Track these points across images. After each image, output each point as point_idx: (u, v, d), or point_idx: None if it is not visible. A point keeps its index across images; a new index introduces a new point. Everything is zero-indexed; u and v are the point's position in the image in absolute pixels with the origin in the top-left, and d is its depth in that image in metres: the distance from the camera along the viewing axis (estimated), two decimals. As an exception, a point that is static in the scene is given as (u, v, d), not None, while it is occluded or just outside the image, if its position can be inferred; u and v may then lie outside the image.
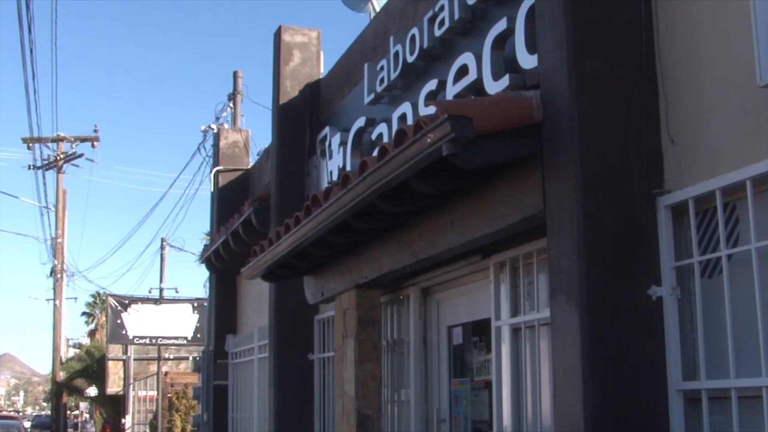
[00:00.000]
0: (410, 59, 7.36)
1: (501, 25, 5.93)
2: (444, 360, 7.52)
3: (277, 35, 11.01)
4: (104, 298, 36.68)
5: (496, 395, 6.28)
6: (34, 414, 78.64)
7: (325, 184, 8.24)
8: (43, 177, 48.61)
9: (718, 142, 4.33)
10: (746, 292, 4.17)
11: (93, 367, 38.54)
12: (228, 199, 14.39)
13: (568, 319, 4.63)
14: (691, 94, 4.53)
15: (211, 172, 15.33)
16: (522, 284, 6.04)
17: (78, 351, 44.99)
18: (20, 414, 61.57)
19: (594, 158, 4.63)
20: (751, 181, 4.09)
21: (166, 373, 29.87)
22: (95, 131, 38.52)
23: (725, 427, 4.30)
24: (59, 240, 38.01)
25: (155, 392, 30.17)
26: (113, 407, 39.07)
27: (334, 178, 8.66)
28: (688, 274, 4.56)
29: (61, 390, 38.96)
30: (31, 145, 36.71)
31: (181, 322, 26.95)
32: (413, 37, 7.28)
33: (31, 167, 37.00)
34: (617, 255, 4.60)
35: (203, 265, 15.04)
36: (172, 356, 32.62)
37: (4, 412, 51.73)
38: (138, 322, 27.09)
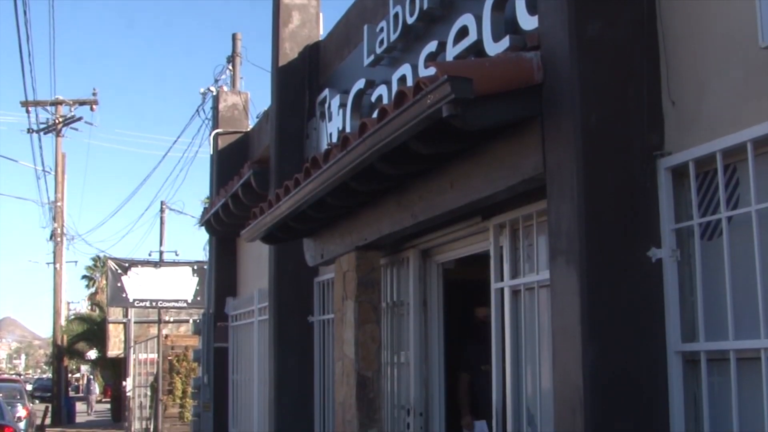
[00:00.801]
0: (410, 20, 7.32)
1: (501, -14, 5.90)
2: (444, 322, 7.55)
3: (276, -4, 10.95)
4: (104, 261, 36.71)
5: (495, 357, 6.30)
6: (35, 377, 78.99)
7: (324, 147, 8.22)
8: (39, 140, 48.52)
9: (719, 104, 4.31)
10: (746, 255, 4.17)
11: (94, 331, 38.69)
12: (227, 162, 14.37)
13: (567, 281, 4.63)
14: (692, 56, 4.50)
15: (210, 134, 15.30)
16: (522, 246, 6.05)
17: (89, 311, 45.14)
18: (22, 377, 61.80)
19: (594, 120, 4.62)
20: (751, 143, 4.08)
21: (167, 336, 29.94)
22: (94, 94, 38.46)
23: (723, 389, 4.31)
24: (59, 204, 38.04)
25: (156, 355, 30.26)
26: (114, 370, 39.25)
27: (334, 140, 8.64)
28: (687, 236, 4.56)
29: (62, 353, 39.15)
30: (29, 108, 36.63)
31: (181, 285, 26.99)
32: (413, -3, 7.24)
33: (30, 131, 36.95)
34: (617, 217, 4.59)
35: (203, 228, 15.05)
36: (172, 319, 32.69)
37: (6, 375, 51.88)
38: (138, 285, 27.12)
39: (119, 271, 27.27)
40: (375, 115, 5.66)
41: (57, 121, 37.55)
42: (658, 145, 4.64)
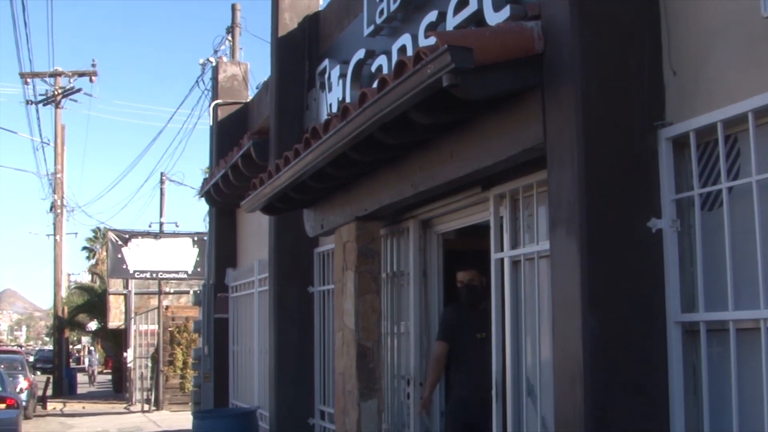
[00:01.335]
0: (410, -10, 7.28)
1: (502, -45, 5.85)
2: (444, 292, 7.56)
3: (276, -34, 10.89)
4: (104, 233, 36.75)
5: (495, 327, 6.32)
6: (36, 349, 79.22)
7: (324, 117, 8.20)
8: (37, 112, 48.48)
9: (721, 74, 4.29)
10: (746, 225, 4.17)
11: (94, 302, 38.78)
12: (227, 133, 14.35)
13: (567, 251, 4.64)
14: (693, 26, 4.48)
15: (210, 105, 15.26)
16: (522, 216, 6.04)
17: (90, 282, 45.21)
18: (23, 349, 62.00)
19: (595, 90, 4.60)
20: (752, 113, 4.07)
21: (167, 307, 30.02)
22: (93, 66, 38.33)
23: (723, 359, 4.32)
24: (58, 175, 38.02)
25: (156, 326, 30.36)
26: (115, 341, 39.38)
27: (334, 110, 8.61)
28: (688, 206, 4.56)
29: (62, 325, 39.25)
30: (28, 79, 36.54)
31: (181, 257, 27.02)
32: (413, -33, 7.20)
33: (29, 102, 36.89)
34: (617, 187, 4.59)
35: (203, 199, 15.05)
36: (172, 290, 32.75)
37: (7, 347, 52.01)
38: (138, 256, 27.15)
39: (119, 242, 27.29)
40: (375, 85, 5.64)
41: (56, 93, 37.46)
42: (658, 115, 4.63)
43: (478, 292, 7.27)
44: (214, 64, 15.59)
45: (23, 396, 23.14)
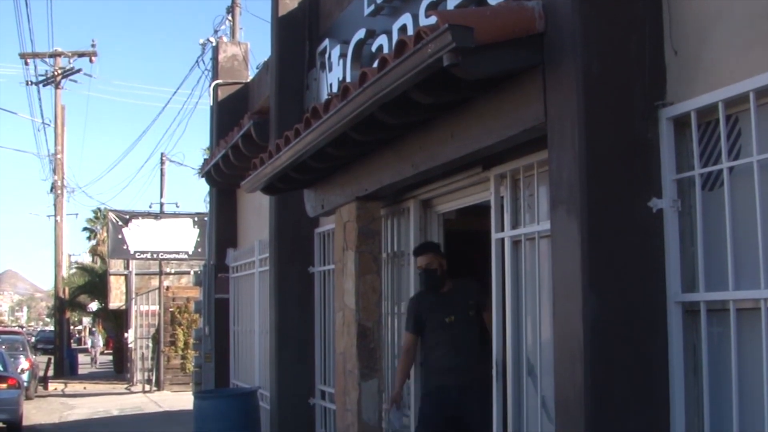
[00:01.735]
0: (411, -31, 7.26)
1: (504, -66, 5.83)
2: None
3: (276, -55, 10.85)
4: (105, 213, 36.77)
5: (496, 306, 6.32)
6: (38, 329, 79.35)
7: (324, 97, 8.18)
8: (38, 93, 48.43)
9: (722, 54, 4.28)
10: (747, 205, 4.16)
11: (95, 283, 38.84)
12: (228, 113, 14.33)
13: (568, 231, 4.63)
14: (694, 5, 4.46)
15: (210, 85, 15.24)
16: (522, 196, 6.04)
17: (91, 263, 45.25)
18: (24, 329, 62.10)
19: (596, 69, 4.59)
20: (754, 92, 4.05)
21: (168, 288, 30.07)
22: (93, 46, 38.33)
23: (723, 339, 4.33)
24: (59, 156, 38.01)
25: (157, 306, 30.42)
26: (116, 322, 39.48)
27: (334, 90, 8.60)
28: (688, 186, 4.55)
29: (63, 305, 39.33)
30: (28, 60, 36.50)
31: (181, 237, 27.03)
32: (414, -54, 7.16)
33: (29, 83, 36.86)
34: (618, 167, 4.58)
35: (203, 180, 15.05)
36: (173, 271, 32.80)
37: (8, 328, 52.08)
38: (139, 237, 27.16)
39: (120, 223, 27.29)
40: (375, 65, 5.62)
41: (56, 73, 37.42)
42: (659, 94, 4.62)
43: (437, 276, 7.20)
44: (214, 44, 15.56)
45: (24, 376, 23.20)
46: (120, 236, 27.26)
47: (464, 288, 7.31)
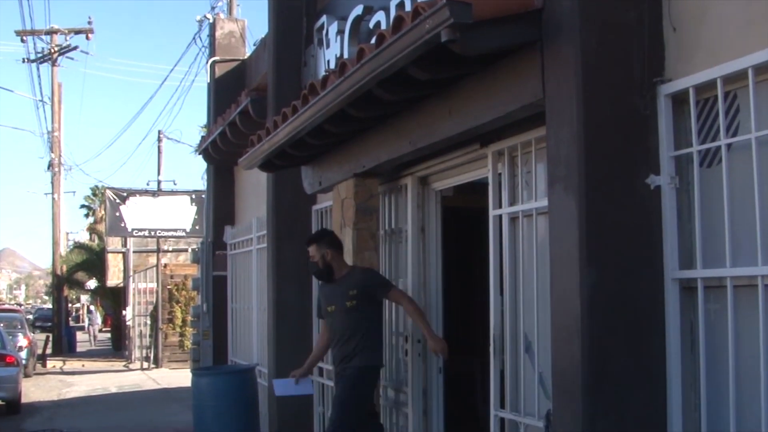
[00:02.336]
0: (409, -56, 7.21)
1: None
2: (442, 249, 7.57)
3: None
4: (102, 191, 36.75)
5: (493, 283, 6.33)
6: (36, 307, 79.43)
7: (322, 74, 8.16)
8: (37, 70, 48.28)
9: (721, 30, 4.27)
10: (744, 182, 4.16)
11: (93, 261, 38.85)
12: (225, 90, 14.29)
13: (565, 208, 4.63)
14: (694, -20, 4.45)
15: (207, 62, 15.20)
16: (520, 173, 6.03)
17: (89, 241, 45.25)
18: (22, 307, 62.14)
19: (594, 45, 4.57)
20: (753, 69, 4.05)
21: (166, 265, 30.08)
22: (89, 23, 38.22)
23: (720, 316, 4.34)
24: (56, 134, 37.95)
25: (155, 284, 30.44)
26: (114, 299, 39.53)
27: (332, 67, 8.57)
28: (686, 163, 4.55)
29: (61, 283, 39.35)
30: (24, 37, 36.39)
31: (179, 214, 27.01)
32: None
33: (26, 60, 36.75)
34: (616, 143, 4.57)
35: (201, 157, 15.03)
36: (171, 248, 32.83)
37: (6, 306, 52.14)
38: (136, 214, 27.15)
39: (117, 200, 27.27)
40: (373, 41, 5.60)
41: (52, 51, 37.31)
42: (658, 71, 4.61)
43: (318, 267, 7.54)
44: (211, 21, 15.51)
45: (23, 354, 23.24)
46: (117, 214, 27.25)
47: (351, 278, 7.50)
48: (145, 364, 29.03)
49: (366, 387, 7.43)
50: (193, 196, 26.91)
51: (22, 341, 25.08)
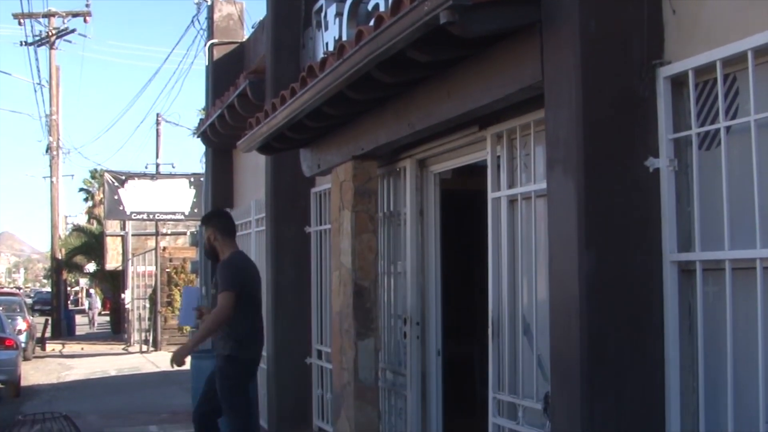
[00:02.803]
0: (408, -74, 7.18)
1: None
2: (440, 231, 7.58)
3: None
4: (101, 174, 36.73)
5: (492, 266, 6.33)
6: (35, 290, 79.45)
7: (321, 56, 8.14)
8: (35, 53, 48.19)
9: (720, 12, 4.25)
10: (744, 165, 4.16)
11: (92, 244, 38.87)
12: (223, 73, 14.25)
13: (564, 190, 4.63)
14: (694, -39, 4.43)
15: (205, 45, 15.14)
16: (519, 156, 6.03)
17: (87, 224, 45.19)
18: (22, 291, 62.17)
19: (594, 28, 4.56)
20: (752, 51, 4.03)
21: (164, 248, 30.12)
22: (87, 6, 38.05)
23: (718, 299, 4.34)
24: (54, 117, 37.89)
25: (154, 267, 30.47)
26: (112, 283, 39.56)
27: (330, 49, 8.55)
28: (685, 146, 4.54)
29: (60, 267, 39.38)
30: (22, 20, 36.26)
31: (177, 198, 27.00)
32: None
33: (23, 43, 36.63)
34: (615, 126, 4.57)
35: (199, 140, 15.01)
36: (169, 231, 32.83)
37: (6, 289, 52.16)
38: (135, 197, 27.13)
39: (116, 184, 27.25)
40: (372, 23, 5.59)
41: (50, 34, 37.19)
42: (657, 53, 4.60)
43: (204, 248, 7.74)
44: (209, 3, 15.44)
45: (22, 337, 23.28)
46: (116, 197, 27.23)
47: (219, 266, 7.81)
48: (144, 347, 29.09)
49: (234, 377, 7.67)
50: (192, 179, 26.89)
51: (21, 324, 25.11)
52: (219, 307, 7.52)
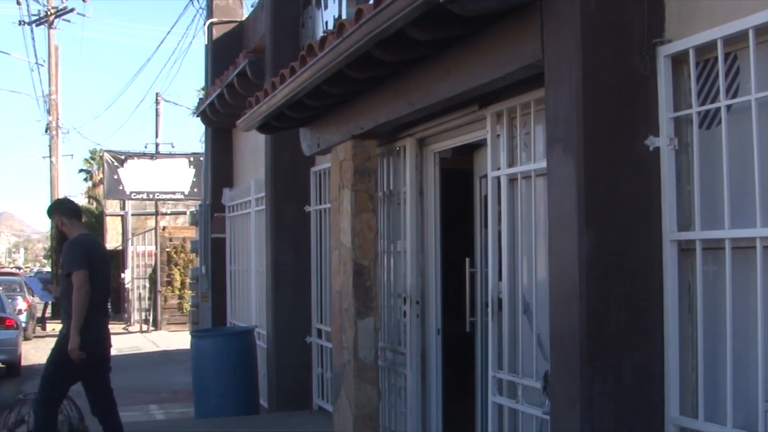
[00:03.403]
0: None
1: None
2: (440, 210, 7.58)
3: None
4: (101, 154, 36.72)
5: (491, 245, 6.33)
6: (35, 270, 79.49)
7: (320, 35, 8.11)
8: (32, 33, 48.00)
9: (722, -10, 4.24)
10: (744, 144, 4.15)
11: (91, 224, 38.88)
12: (222, 52, 14.22)
13: (564, 169, 4.62)
14: (696, -62, 4.41)
15: (204, 24, 15.11)
16: (519, 135, 6.02)
17: (87, 204, 45.22)
18: (21, 271, 62.19)
19: (594, 5, 4.54)
20: (753, 30, 4.01)
21: (164, 228, 30.14)
22: (86, -16, 37.86)
23: (718, 277, 4.34)
24: (53, 97, 37.81)
25: (154, 247, 30.50)
26: (112, 262, 39.56)
27: (330, 27, 8.53)
28: (686, 125, 4.53)
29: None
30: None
31: (177, 177, 27.02)
32: None
33: (22, 23, 36.52)
34: (615, 104, 4.55)
35: (199, 119, 14.99)
36: (169, 211, 32.85)
37: (6, 269, 52.21)
38: (135, 177, 27.16)
39: (115, 163, 27.26)
40: (371, 1, 5.56)
41: (49, 13, 37.07)
42: (658, 32, 4.58)
43: (58, 235, 7.89)
44: (208, -18, 15.39)
45: (22, 317, 23.35)
46: (116, 177, 27.25)
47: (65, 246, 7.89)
48: (144, 327, 29.15)
49: (65, 353, 7.58)
50: (192, 159, 26.89)
51: (21, 304, 25.18)
52: (76, 288, 7.47)
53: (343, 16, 8.27)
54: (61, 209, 8.06)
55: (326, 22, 8.91)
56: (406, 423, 7.74)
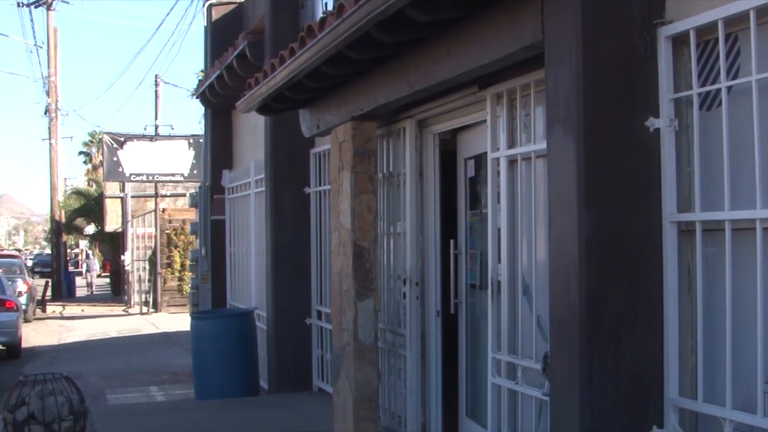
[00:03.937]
0: None
1: None
2: (440, 192, 7.59)
3: None
4: (100, 136, 36.69)
5: (491, 226, 6.33)
6: (35, 253, 79.53)
7: (320, 16, 8.08)
8: (30, 14, 47.90)
9: (723, -30, 4.22)
10: (744, 125, 4.13)
11: (91, 206, 38.88)
12: (222, 34, 14.19)
13: (564, 150, 4.61)
14: None
15: (204, 5, 15.07)
16: (519, 116, 6.01)
17: (87, 186, 45.16)
18: (21, 253, 62.21)
19: (594, -14, 4.53)
20: (754, 11, 3.99)
21: (164, 210, 30.12)
22: (85, -35, 37.74)
23: (718, 259, 4.34)
24: (52, 79, 37.77)
25: (153, 229, 30.50)
26: (112, 245, 39.61)
27: (330, 8, 8.49)
28: (686, 106, 4.51)
29: (60, 229, 39.42)
30: (19, -20, 36.05)
31: (177, 159, 27.00)
32: None
33: (20, 4, 36.45)
34: (615, 85, 4.54)
35: (198, 101, 14.97)
36: (169, 193, 32.82)
37: (6, 251, 52.23)
38: (134, 159, 27.14)
39: (115, 145, 27.23)
40: (372, -18, 5.54)
41: (48, -6, 36.98)
42: (658, 13, 4.56)
43: None
44: (208, -37, 15.34)
45: (22, 299, 23.36)
46: (115, 159, 27.22)
47: None
48: (145, 309, 29.18)
49: None
50: (191, 141, 26.86)
51: (21, 286, 25.20)
52: None
53: (343, -3, 8.24)
54: None
55: (326, 3, 8.89)
56: (406, 404, 7.77)
